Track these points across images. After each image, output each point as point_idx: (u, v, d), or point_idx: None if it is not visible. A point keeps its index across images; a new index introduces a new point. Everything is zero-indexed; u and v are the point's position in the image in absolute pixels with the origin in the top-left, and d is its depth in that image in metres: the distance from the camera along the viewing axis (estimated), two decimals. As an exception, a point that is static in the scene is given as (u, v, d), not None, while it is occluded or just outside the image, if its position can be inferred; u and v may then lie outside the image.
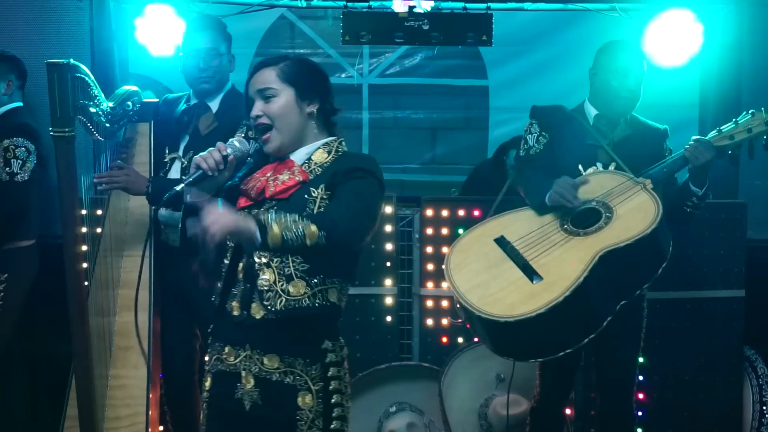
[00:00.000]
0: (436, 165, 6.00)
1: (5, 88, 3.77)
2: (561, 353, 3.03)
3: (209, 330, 2.55)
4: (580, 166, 3.39)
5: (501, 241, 3.21)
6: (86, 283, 3.30)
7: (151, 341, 3.39)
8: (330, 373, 2.42)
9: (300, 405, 2.37)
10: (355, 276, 2.54)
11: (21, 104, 3.84)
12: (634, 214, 3.14)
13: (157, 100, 3.70)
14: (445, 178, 5.89)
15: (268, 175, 2.45)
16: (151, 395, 3.36)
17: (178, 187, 2.36)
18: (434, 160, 6.00)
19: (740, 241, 4.27)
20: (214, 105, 3.58)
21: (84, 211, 3.22)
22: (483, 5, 4.45)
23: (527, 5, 4.68)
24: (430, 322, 4.27)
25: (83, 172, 3.13)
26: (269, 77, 2.45)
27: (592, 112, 3.51)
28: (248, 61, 5.72)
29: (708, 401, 4.29)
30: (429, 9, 4.38)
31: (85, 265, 3.21)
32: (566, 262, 3.04)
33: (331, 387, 2.42)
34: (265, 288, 2.34)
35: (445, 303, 4.25)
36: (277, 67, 2.46)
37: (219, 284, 2.44)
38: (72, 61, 2.92)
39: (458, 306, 3.15)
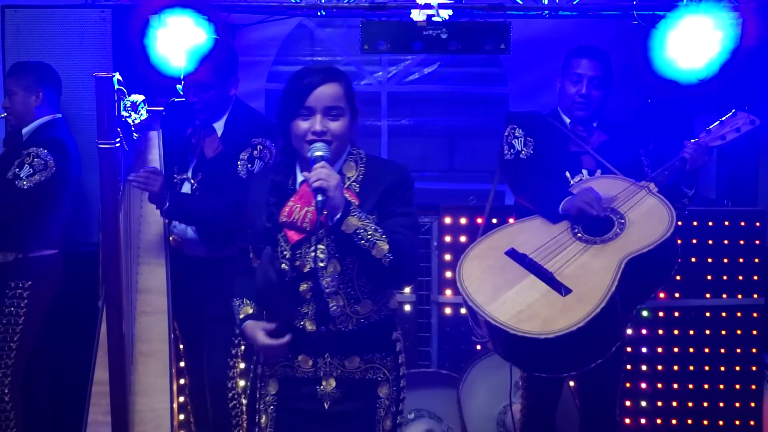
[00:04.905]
0: (455, 173, 6.01)
1: (34, 100, 3.82)
2: (593, 364, 2.98)
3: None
4: (567, 174, 3.39)
5: (514, 254, 3.13)
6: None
7: (171, 347, 3.43)
8: (399, 360, 2.57)
9: (379, 395, 2.51)
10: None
11: (59, 116, 3.89)
12: (648, 218, 3.12)
13: (161, 108, 3.73)
14: (464, 186, 5.90)
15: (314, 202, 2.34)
16: (174, 404, 3.41)
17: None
18: (453, 168, 6.01)
19: (759, 248, 4.27)
20: (219, 127, 3.62)
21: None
22: (501, 13, 4.48)
23: (546, 13, 4.70)
24: (448, 329, 4.29)
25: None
26: (338, 93, 2.42)
27: (565, 119, 3.51)
28: (267, 69, 5.77)
29: (727, 409, 4.28)
30: (447, 18, 4.40)
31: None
32: (592, 272, 2.98)
33: (400, 372, 2.57)
34: (338, 313, 2.43)
35: (463, 310, 4.24)
36: (343, 84, 2.44)
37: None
38: (116, 74, 2.96)
39: (479, 323, 3.04)
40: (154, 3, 4.25)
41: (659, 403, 4.27)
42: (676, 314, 4.24)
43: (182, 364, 3.80)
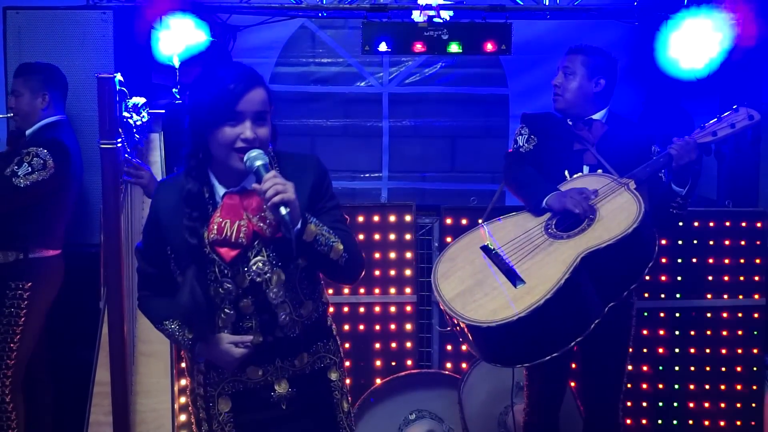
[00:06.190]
0: (455, 173, 6.03)
1: (41, 102, 3.83)
2: (548, 357, 2.96)
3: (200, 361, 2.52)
4: (566, 172, 3.39)
5: (486, 248, 3.19)
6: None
7: (172, 348, 3.43)
8: (338, 342, 2.59)
9: (331, 379, 2.53)
10: None
11: (64, 117, 3.90)
12: (617, 214, 3.11)
13: (163, 111, 3.73)
14: (465, 186, 5.92)
15: (245, 214, 2.29)
16: (175, 405, 3.41)
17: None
18: (454, 169, 6.03)
19: (760, 249, 4.26)
20: None
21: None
22: (502, 14, 4.48)
23: (547, 14, 4.71)
24: (449, 330, 4.28)
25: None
26: (264, 97, 2.29)
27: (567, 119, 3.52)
28: (269, 71, 5.80)
29: (728, 410, 4.28)
30: (448, 18, 4.41)
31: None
32: (548, 266, 3.01)
33: (341, 354, 2.59)
34: (286, 321, 2.40)
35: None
36: (266, 88, 2.31)
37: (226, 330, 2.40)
38: (118, 75, 2.97)
39: (447, 315, 3.12)
40: (155, 5, 4.26)
41: (660, 404, 4.27)
42: (677, 315, 4.24)
43: (183, 365, 3.80)
